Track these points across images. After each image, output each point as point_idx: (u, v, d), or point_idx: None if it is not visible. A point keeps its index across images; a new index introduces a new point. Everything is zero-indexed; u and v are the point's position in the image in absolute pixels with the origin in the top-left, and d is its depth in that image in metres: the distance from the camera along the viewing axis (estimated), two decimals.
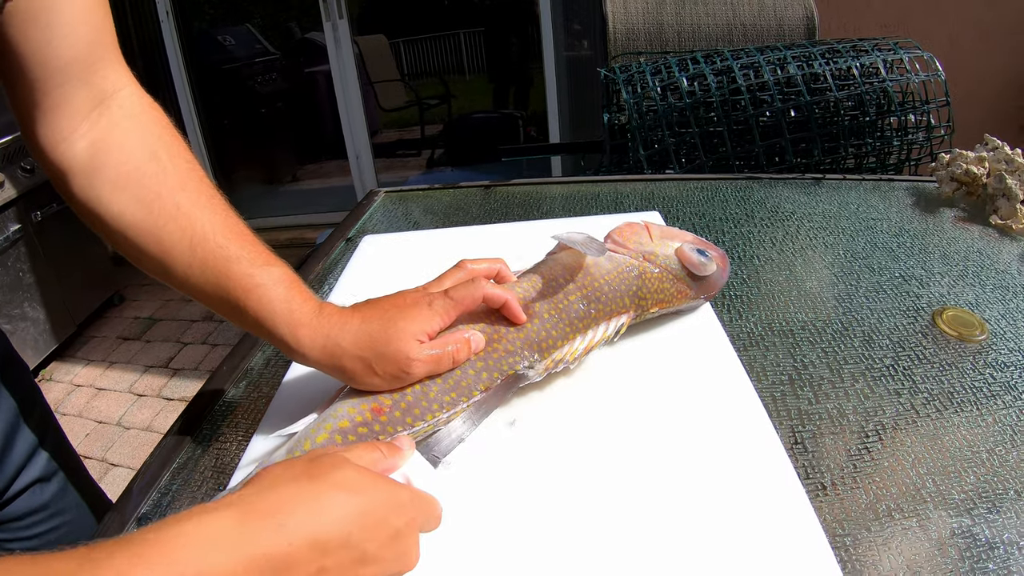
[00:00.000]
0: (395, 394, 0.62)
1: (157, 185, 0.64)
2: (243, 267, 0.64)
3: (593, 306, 0.72)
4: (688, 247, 0.79)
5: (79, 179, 0.64)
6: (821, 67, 1.47)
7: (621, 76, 1.53)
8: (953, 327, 0.82)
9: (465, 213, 1.26)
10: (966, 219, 1.13)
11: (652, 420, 0.67)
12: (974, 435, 0.65)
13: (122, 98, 0.67)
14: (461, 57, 7.72)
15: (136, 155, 0.65)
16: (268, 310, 0.64)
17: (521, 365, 0.67)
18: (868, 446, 0.65)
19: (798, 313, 0.86)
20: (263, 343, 0.90)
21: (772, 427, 0.65)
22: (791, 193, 1.24)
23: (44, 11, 0.59)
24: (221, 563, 0.38)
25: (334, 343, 0.63)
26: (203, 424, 0.77)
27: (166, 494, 0.68)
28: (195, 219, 0.64)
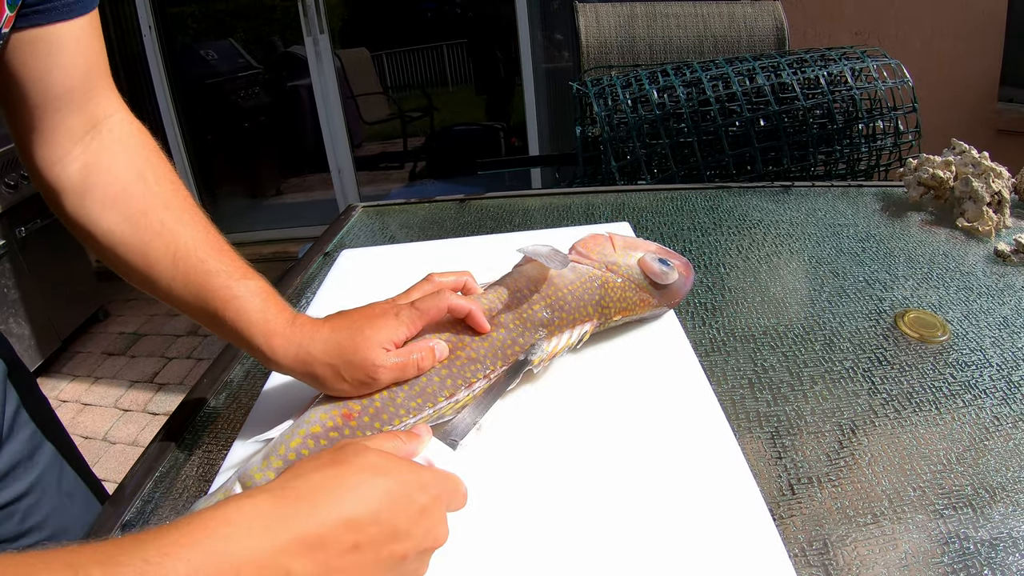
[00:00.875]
0: (364, 400, 0.65)
1: (143, 204, 0.68)
2: (222, 280, 0.67)
3: (557, 315, 0.74)
4: (650, 257, 0.82)
5: (71, 198, 0.68)
6: (789, 77, 1.49)
7: (592, 89, 1.55)
8: (914, 329, 0.84)
9: (440, 227, 1.27)
10: (933, 222, 1.15)
11: (613, 424, 0.68)
12: (932, 434, 0.67)
13: (112, 123, 0.71)
14: (444, 69, 7.73)
15: (124, 176, 0.69)
16: (245, 321, 0.67)
17: (519, 358, 0.71)
18: (825, 446, 0.67)
19: (760, 319, 0.88)
20: (243, 356, 0.92)
21: (730, 429, 0.67)
22: (760, 201, 1.26)
23: (45, 44, 0.64)
24: (258, 545, 0.40)
25: (305, 351, 0.66)
26: (185, 434, 0.79)
27: (149, 502, 0.69)
28: (178, 235, 0.68)
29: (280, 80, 5.79)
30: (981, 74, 3.61)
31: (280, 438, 0.63)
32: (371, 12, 7.12)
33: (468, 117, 6.30)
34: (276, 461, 0.60)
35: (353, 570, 0.43)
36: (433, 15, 7.46)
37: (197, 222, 0.71)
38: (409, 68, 7.75)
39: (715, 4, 1.95)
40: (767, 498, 0.60)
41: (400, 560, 0.46)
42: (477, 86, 6.59)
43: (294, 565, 0.41)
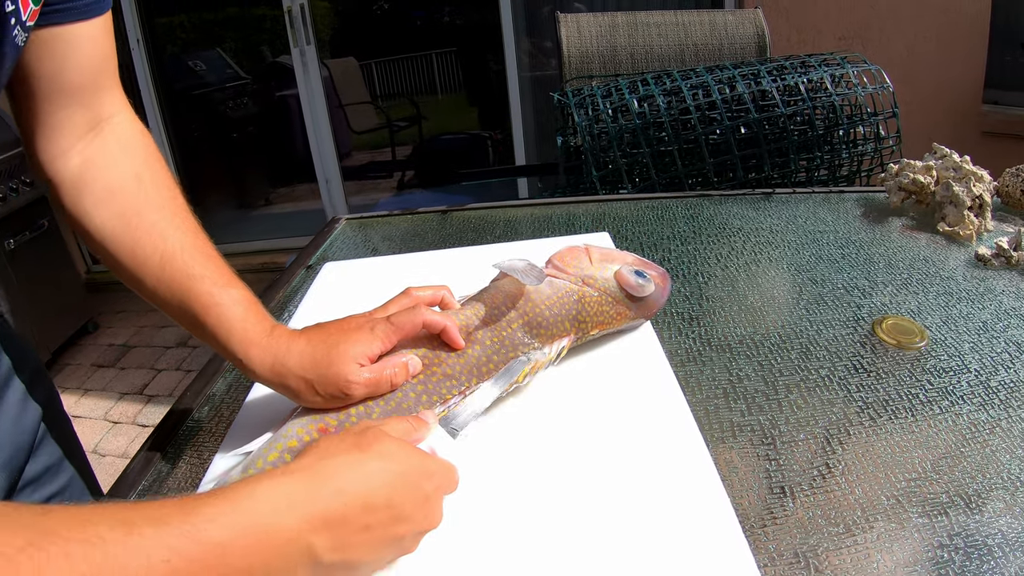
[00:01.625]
0: (340, 415, 0.65)
1: (136, 204, 0.70)
2: (205, 286, 0.69)
3: (534, 331, 0.75)
4: (627, 269, 0.82)
5: (69, 192, 0.70)
6: (769, 85, 1.50)
7: (573, 99, 1.55)
8: (892, 335, 0.84)
9: (422, 239, 1.28)
10: (914, 227, 1.15)
11: (585, 437, 0.69)
12: (907, 442, 0.67)
13: (115, 123, 0.73)
14: (433, 77, 7.74)
15: (120, 175, 0.71)
16: (225, 328, 0.68)
17: (521, 356, 0.73)
18: (798, 456, 0.67)
19: (737, 328, 0.89)
20: (225, 369, 0.92)
21: (702, 440, 0.67)
22: (740, 209, 1.27)
23: (63, 43, 0.67)
24: (289, 522, 0.44)
25: (280, 363, 0.67)
26: (168, 447, 0.79)
27: None
28: (167, 237, 0.70)
29: (268, 90, 5.79)
30: (966, 77, 3.63)
31: (258, 452, 0.63)
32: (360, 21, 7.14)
33: (457, 126, 6.31)
34: (253, 475, 0.60)
35: (362, 546, 0.48)
36: (422, 23, 7.47)
37: (187, 227, 0.72)
38: (398, 77, 7.76)
39: (696, 12, 1.96)
40: (738, 509, 0.60)
41: (399, 539, 0.51)
42: (466, 95, 6.59)
43: (315, 540, 0.45)
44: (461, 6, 6.79)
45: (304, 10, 4.08)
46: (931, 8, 3.48)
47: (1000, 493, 0.61)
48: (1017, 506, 0.60)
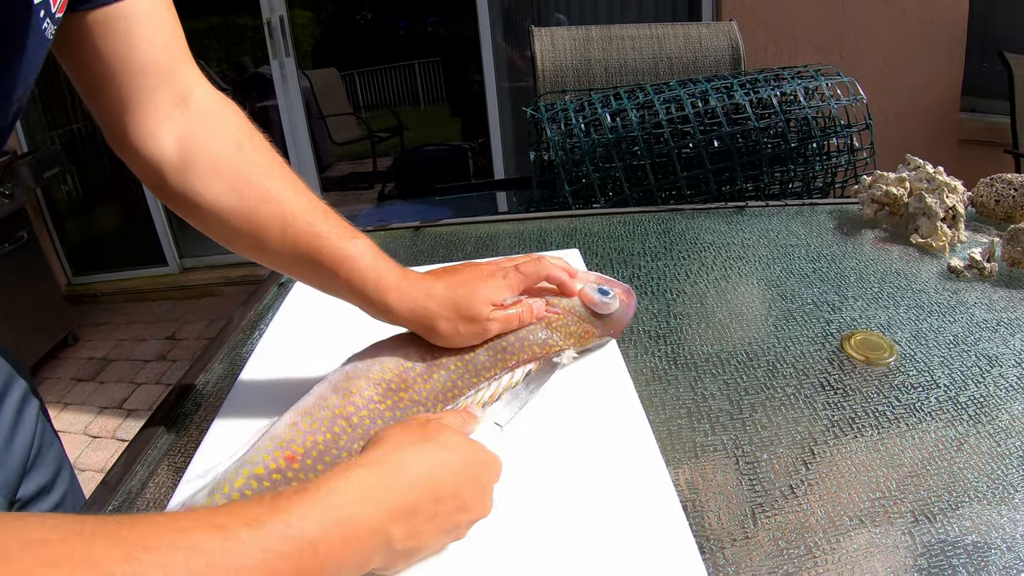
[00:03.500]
0: (307, 443, 0.64)
1: (244, 172, 0.72)
2: (332, 241, 0.71)
3: (498, 356, 0.75)
4: (590, 288, 0.82)
5: (172, 174, 0.71)
6: (742, 98, 1.50)
7: (546, 114, 1.55)
8: (861, 351, 0.84)
9: (394, 255, 1.23)
10: (887, 239, 1.15)
11: (545, 456, 0.68)
12: (872, 460, 0.67)
13: (199, 96, 0.74)
14: (416, 88, 7.72)
15: (221, 146, 0.72)
16: (359, 279, 0.72)
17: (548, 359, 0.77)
18: (760, 477, 0.66)
19: (704, 346, 0.88)
20: (196, 391, 0.90)
21: (662, 461, 0.66)
22: (712, 223, 1.27)
23: (122, 21, 0.67)
24: (372, 513, 0.48)
25: (421, 306, 0.72)
26: (137, 466, 0.77)
27: None
28: (284, 201, 0.72)
29: (250, 101, 5.76)
30: (943, 85, 3.67)
31: (224, 476, 0.62)
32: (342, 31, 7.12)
33: (439, 136, 6.31)
34: (220, 499, 0.59)
35: (430, 533, 0.52)
36: (405, 34, 7.47)
37: (298, 187, 0.74)
38: (380, 87, 7.75)
39: (670, 25, 1.96)
40: (698, 531, 0.59)
41: (458, 527, 0.55)
42: (449, 106, 6.59)
43: (393, 529, 0.49)
44: (443, 17, 6.79)
45: (284, 22, 4.07)
46: (908, 18, 3.51)
47: (966, 511, 0.61)
48: (983, 524, 0.59)
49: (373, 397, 0.69)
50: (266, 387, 0.83)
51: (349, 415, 0.67)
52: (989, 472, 0.65)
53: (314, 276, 0.74)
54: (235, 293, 4.40)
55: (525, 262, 0.78)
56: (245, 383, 0.85)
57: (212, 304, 4.44)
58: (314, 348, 0.91)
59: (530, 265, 0.77)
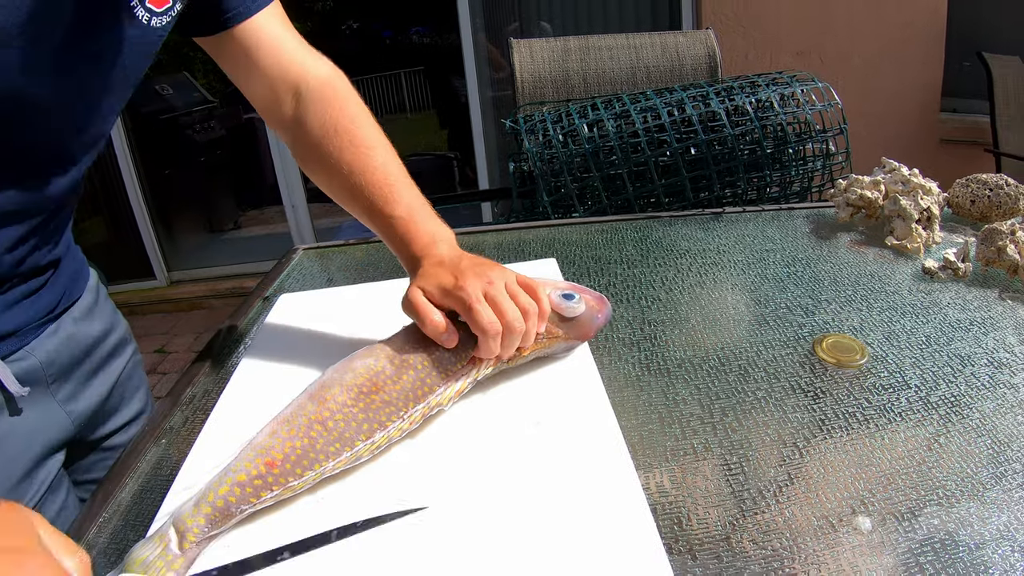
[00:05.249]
0: (286, 448, 0.67)
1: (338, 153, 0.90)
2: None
3: (462, 353, 0.77)
4: (554, 294, 0.84)
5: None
6: (717, 106, 1.51)
7: (524, 125, 1.56)
8: (832, 354, 0.85)
9: (376, 268, 1.28)
10: (863, 242, 1.17)
11: (514, 462, 0.69)
12: (840, 462, 0.68)
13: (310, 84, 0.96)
14: (402, 97, 7.72)
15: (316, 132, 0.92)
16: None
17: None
18: (731, 480, 0.67)
19: (677, 351, 0.89)
20: (183, 402, 0.91)
21: (631, 465, 0.67)
22: (689, 230, 1.28)
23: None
24: None
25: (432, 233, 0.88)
26: (127, 479, 0.78)
27: (92, 547, 0.68)
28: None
29: (236, 113, 5.77)
30: (923, 86, 3.69)
31: (209, 484, 0.64)
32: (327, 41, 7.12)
33: (425, 146, 6.29)
34: (205, 507, 0.62)
35: None
36: (391, 43, 7.46)
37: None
38: (366, 97, 7.75)
39: (648, 35, 1.98)
40: (667, 533, 0.60)
41: None
42: (434, 115, 6.58)
43: None
44: (427, 27, 6.80)
45: None
46: (888, 20, 3.52)
47: (934, 509, 0.61)
48: (952, 522, 0.60)
49: (346, 401, 0.71)
50: (251, 400, 0.84)
51: (324, 419, 0.69)
52: (959, 471, 0.66)
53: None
54: (224, 306, 4.39)
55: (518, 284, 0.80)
56: (231, 396, 0.86)
57: (201, 317, 4.43)
58: (297, 360, 0.91)
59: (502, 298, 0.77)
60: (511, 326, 0.75)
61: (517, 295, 0.77)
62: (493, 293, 0.76)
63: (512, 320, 0.75)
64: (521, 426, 0.74)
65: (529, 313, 0.76)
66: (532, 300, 0.78)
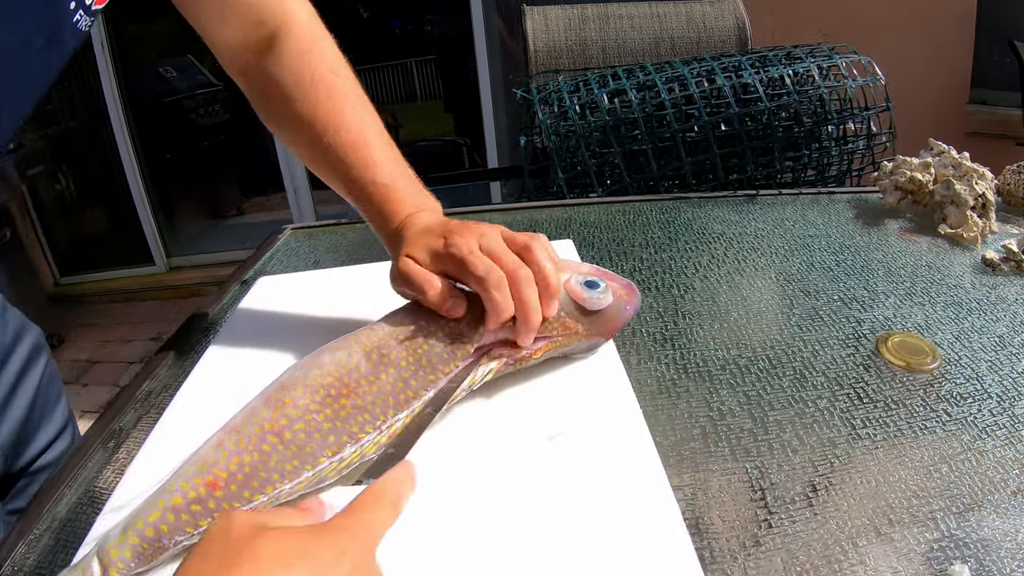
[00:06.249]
0: (231, 465, 0.54)
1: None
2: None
3: (456, 345, 0.63)
4: (576, 280, 0.69)
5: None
6: (751, 77, 1.39)
7: (537, 96, 1.44)
8: (900, 356, 0.72)
9: (368, 250, 1.16)
10: (913, 230, 1.05)
11: (527, 483, 0.55)
12: (927, 487, 0.55)
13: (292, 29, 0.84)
14: (413, 85, 7.71)
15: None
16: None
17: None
18: (794, 515, 0.54)
19: (719, 350, 0.75)
20: (134, 401, 0.81)
21: (672, 496, 0.53)
22: (721, 212, 1.16)
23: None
24: None
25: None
26: (64, 489, 0.67)
27: (20, 569, 0.58)
28: None
29: (241, 97, 5.66)
30: (951, 76, 3.63)
31: (139, 509, 0.52)
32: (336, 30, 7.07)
33: (436, 132, 6.26)
34: (132, 537, 0.49)
35: None
36: (401, 32, 7.46)
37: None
38: (377, 85, 7.74)
39: (672, 4, 1.87)
40: None
41: None
42: (444, 101, 6.56)
43: None
44: (437, 13, 6.79)
45: None
46: (917, 5, 3.44)
47: None
48: None
49: (309, 407, 0.57)
50: (213, 397, 0.71)
51: (281, 429, 0.56)
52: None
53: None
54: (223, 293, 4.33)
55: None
56: (190, 393, 0.74)
57: (199, 304, 4.36)
58: (271, 352, 0.79)
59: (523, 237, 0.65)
60: (515, 274, 0.61)
61: (514, 239, 0.65)
62: (487, 243, 0.63)
63: (514, 266, 0.61)
64: (532, 440, 0.60)
65: (533, 250, 0.64)
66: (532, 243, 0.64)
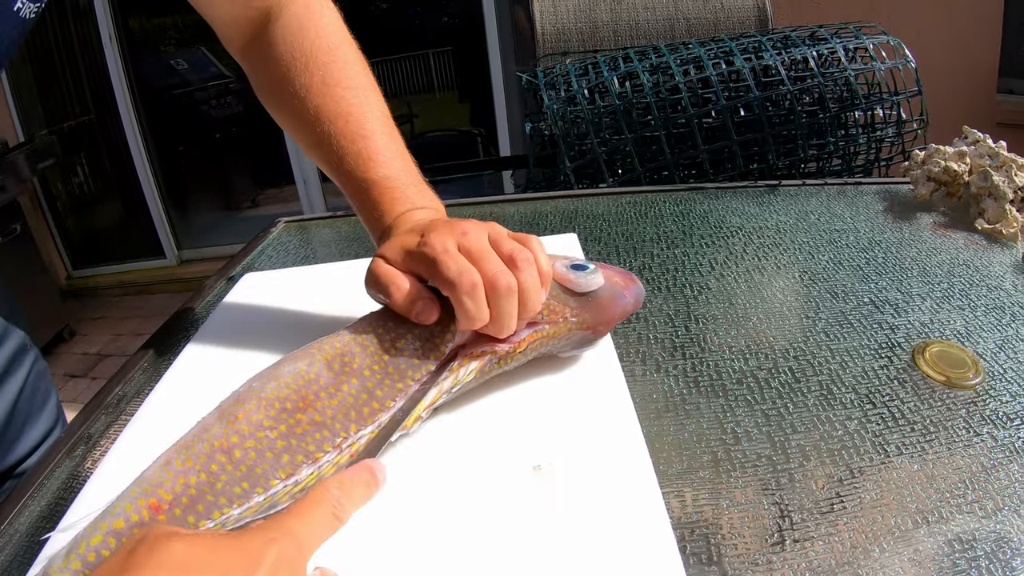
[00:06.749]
0: (177, 487, 0.48)
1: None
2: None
3: (428, 346, 0.56)
4: (561, 264, 0.62)
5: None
6: (772, 58, 1.31)
7: (543, 79, 1.36)
8: (939, 369, 0.64)
9: (362, 243, 1.10)
10: (948, 225, 0.97)
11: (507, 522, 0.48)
12: (972, 530, 0.47)
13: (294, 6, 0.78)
14: (431, 76, 7.75)
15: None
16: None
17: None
18: (817, 562, 0.45)
19: (735, 361, 0.67)
20: (109, 404, 0.76)
21: (672, 539, 0.45)
22: (740, 204, 1.08)
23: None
24: None
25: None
26: (29, 501, 0.63)
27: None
28: None
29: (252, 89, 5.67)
30: (979, 65, 3.56)
31: (82, 532, 0.47)
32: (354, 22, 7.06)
33: (450, 123, 6.25)
34: (75, 561, 0.45)
35: None
36: (419, 22, 7.48)
37: None
38: (393, 76, 7.77)
39: None
40: None
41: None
42: (459, 92, 6.59)
43: None
44: (450, 3, 6.82)
45: None
46: None
47: None
48: None
49: (262, 422, 0.51)
50: (183, 404, 0.65)
51: (231, 447, 0.49)
52: None
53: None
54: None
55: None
56: (159, 399, 0.69)
57: (189, 300, 4.39)
58: (250, 355, 0.74)
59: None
60: (495, 279, 0.52)
61: (501, 242, 0.56)
62: (468, 244, 0.54)
63: (496, 271, 0.53)
64: (514, 470, 0.52)
65: (517, 260, 0.54)
66: (523, 247, 0.56)
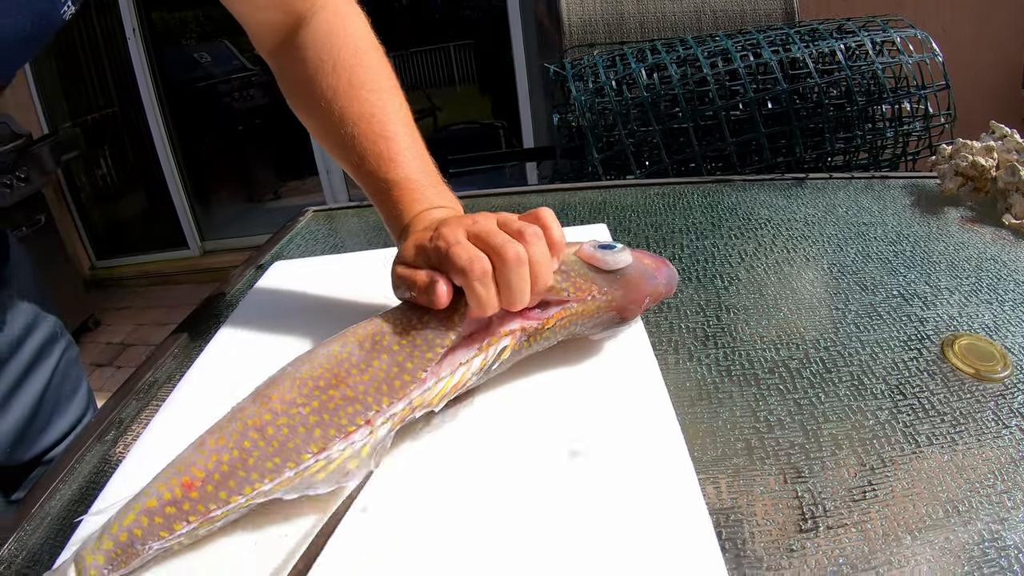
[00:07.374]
0: (209, 464, 0.50)
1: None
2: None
3: (456, 325, 0.57)
4: (589, 245, 0.62)
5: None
6: (800, 51, 1.31)
7: (571, 70, 1.36)
8: (968, 361, 0.64)
9: (388, 234, 1.10)
10: (975, 220, 0.97)
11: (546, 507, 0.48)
12: (1003, 522, 0.47)
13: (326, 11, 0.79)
14: (452, 70, 7.75)
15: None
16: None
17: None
18: (850, 549, 0.46)
19: (766, 351, 0.68)
20: (139, 390, 0.78)
21: (709, 524, 0.45)
22: (768, 196, 1.08)
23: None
24: None
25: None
26: (60, 483, 0.65)
27: (9, 564, 0.55)
28: None
29: (275, 82, 5.68)
30: (1004, 60, 3.53)
31: (116, 514, 0.48)
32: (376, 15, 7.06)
33: (476, 116, 6.25)
34: (107, 542, 0.46)
35: None
36: (440, 15, 7.47)
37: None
38: (415, 70, 7.76)
39: None
40: None
41: None
42: (481, 85, 6.57)
43: None
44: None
45: None
46: None
47: None
48: None
49: (295, 400, 0.52)
50: (215, 390, 0.67)
51: (264, 425, 0.51)
52: None
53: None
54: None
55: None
56: (191, 385, 0.70)
57: (219, 288, 4.43)
58: (280, 341, 0.75)
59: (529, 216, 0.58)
60: (502, 250, 0.53)
61: (510, 222, 0.56)
62: (477, 230, 0.55)
63: (503, 244, 0.53)
64: (551, 455, 0.53)
65: (526, 233, 0.54)
66: (531, 224, 0.56)
